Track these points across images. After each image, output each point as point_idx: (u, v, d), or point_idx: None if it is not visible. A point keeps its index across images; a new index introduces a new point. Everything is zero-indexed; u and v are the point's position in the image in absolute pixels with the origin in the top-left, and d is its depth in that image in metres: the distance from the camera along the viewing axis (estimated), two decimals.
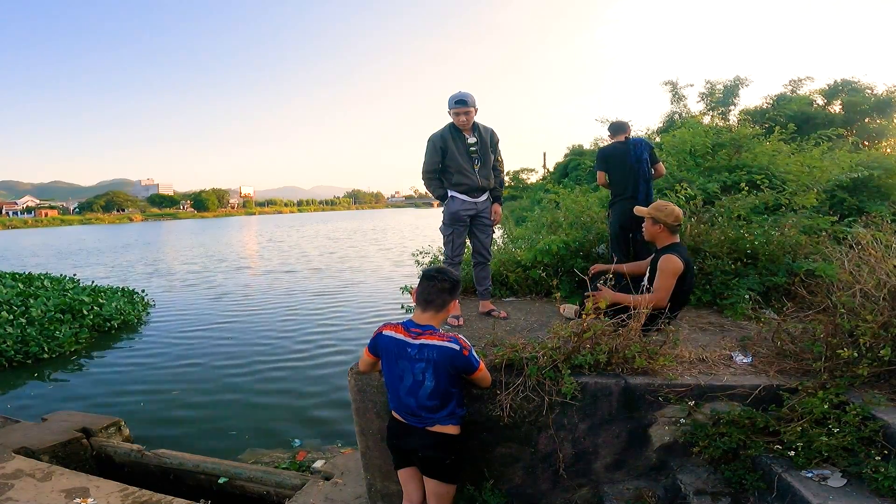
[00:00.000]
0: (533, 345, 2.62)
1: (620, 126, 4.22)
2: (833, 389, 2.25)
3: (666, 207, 2.90)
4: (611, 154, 4.14)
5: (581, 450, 2.53)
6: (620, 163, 4.03)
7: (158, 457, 3.99)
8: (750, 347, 2.83)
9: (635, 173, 3.97)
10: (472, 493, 2.59)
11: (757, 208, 4.69)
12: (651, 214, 2.93)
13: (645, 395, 2.43)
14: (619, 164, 4.04)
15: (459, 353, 2.11)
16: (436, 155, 3.49)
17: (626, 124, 4.25)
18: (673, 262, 2.75)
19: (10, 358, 7.21)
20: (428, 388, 2.13)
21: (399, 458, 2.34)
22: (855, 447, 2.05)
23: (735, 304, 3.58)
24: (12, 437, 4.11)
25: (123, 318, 9.40)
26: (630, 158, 3.98)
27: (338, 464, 3.77)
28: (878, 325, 2.26)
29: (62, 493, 3.28)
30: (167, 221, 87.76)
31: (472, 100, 3.40)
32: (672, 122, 15.08)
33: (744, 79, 16.24)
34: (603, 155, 4.22)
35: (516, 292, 4.40)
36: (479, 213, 3.60)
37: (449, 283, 2.19)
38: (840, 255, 2.93)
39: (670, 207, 2.90)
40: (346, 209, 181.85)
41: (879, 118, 16.02)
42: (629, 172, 3.98)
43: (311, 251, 24.02)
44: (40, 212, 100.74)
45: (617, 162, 4.07)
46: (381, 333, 2.25)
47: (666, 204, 2.94)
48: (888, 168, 6.07)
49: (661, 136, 9.92)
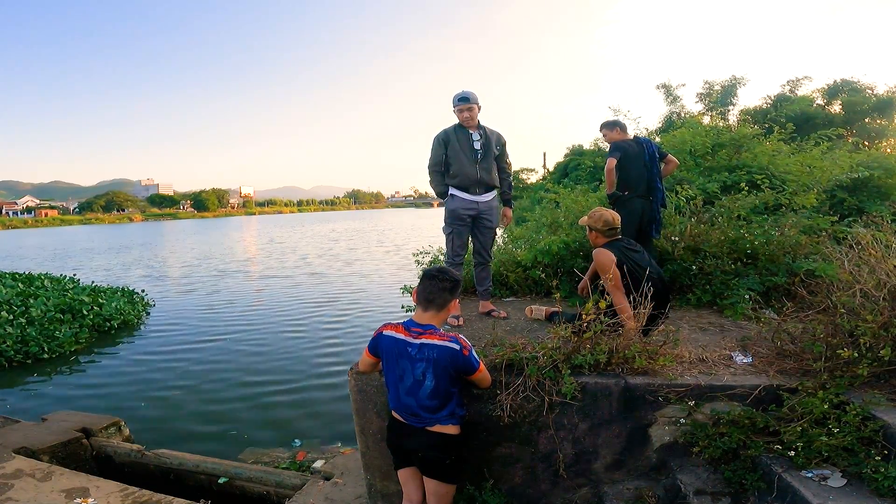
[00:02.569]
0: (533, 345, 2.63)
1: (622, 124, 4.22)
2: (833, 389, 2.24)
3: (595, 213, 3.00)
4: (628, 150, 4.06)
5: (581, 450, 2.53)
6: (636, 161, 4.03)
7: (158, 457, 3.99)
8: (750, 347, 2.83)
9: (650, 171, 3.98)
10: (472, 493, 2.59)
11: (757, 208, 4.69)
12: (585, 223, 3.05)
13: (645, 395, 2.43)
14: (635, 163, 4.03)
15: (459, 352, 2.11)
16: (440, 149, 3.58)
17: (620, 122, 4.25)
18: (603, 255, 2.83)
19: (10, 358, 7.21)
20: (428, 388, 2.13)
21: (399, 458, 2.34)
22: (855, 447, 2.05)
23: (735, 304, 3.58)
24: (12, 437, 4.11)
25: (123, 318, 9.40)
26: (644, 157, 4.00)
27: (338, 464, 3.77)
28: (878, 325, 2.26)
29: (62, 493, 3.28)
30: (167, 221, 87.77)
31: (474, 97, 3.48)
32: (671, 123, 15.10)
33: (740, 78, 16.27)
34: (621, 147, 4.08)
35: (516, 292, 4.41)
36: (481, 214, 3.60)
37: (450, 282, 2.20)
38: (840, 255, 2.93)
39: (599, 213, 2.98)
40: (346, 209, 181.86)
41: (879, 118, 16.03)
42: (644, 171, 3.99)
43: (312, 251, 24.03)
44: (40, 212, 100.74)
45: (632, 160, 4.04)
46: (381, 333, 2.25)
47: (597, 210, 3.03)
48: (888, 168, 6.07)
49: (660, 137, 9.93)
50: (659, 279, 2.89)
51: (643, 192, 3.98)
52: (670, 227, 4.33)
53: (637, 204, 3.94)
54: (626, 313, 2.62)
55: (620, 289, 2.71)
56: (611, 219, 2.94)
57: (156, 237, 40.03)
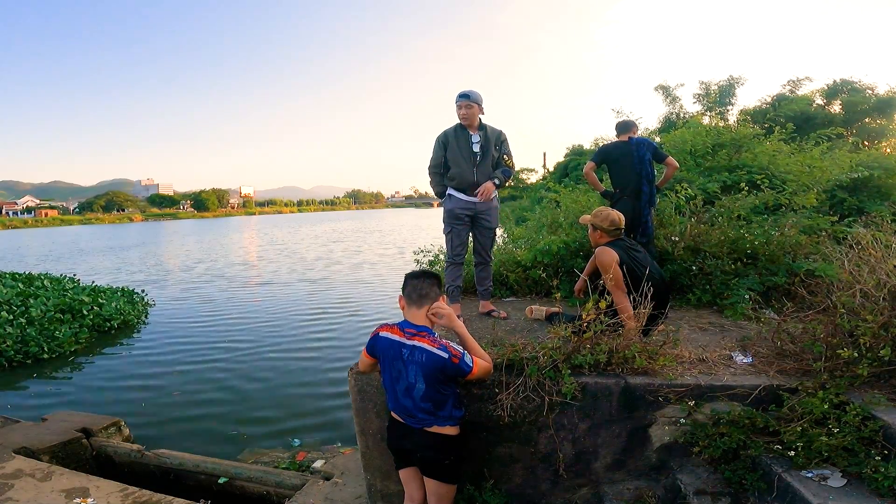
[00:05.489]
0: (533, 345, 2.63)
1: (627, 125, 4.24)
2: (833, 389, 2.24)
3: (601, 213, 2.99)
4: (612, 152, 4.17)
5: (581, 450, 2.53)
6: (623, 162, 4.04)
7: (158, 457, 3.99)
8: (750, 347, 2.83)
9: (637, 173, 3.98)
10: (472, 493, 2.59)
11: (757, 208, 4.69)
12: (590, 221, 3.04)
13: (645, 395, 2.43)
14: (622, 163, 4.05)
15: (448, 361, 2.09)
16: (440, 150, 3.60)
17: (633, 123, 4.27)
18: (605, 254, 2.81)
19: (10, 358, 7.20)
20: (420, 390, 2.13)
21: (399, 459, 2.35)
22: (855, 447, 2.05)
23: (735, 304, 3.58)
24: (12, 437, 4.11)
25: (123, 318, 9.39)
26: (633, 158, 3.99)
27: (338, 464, 3.77)
28: (878, 325, 2.26)
29: (62, 493, 3.28)
30: (167, 221, 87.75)
31: (475, 96, 3.47)
32: (670, 123, 15.11)
33: (738, 78, 16.26)
34: (603, 150, 4.25)
35: (516, 292, 4.41)
36: (479, 214, 3.60)
37: (435, 276, 2.29)
38: (840, 255, 2.93)
39: (605, 212, 2.98)
40: (346, 209, 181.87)
41: (879, 118, 16.03)
42: (631, 172, 3.99)
43: (312, 251, 24.03)
44: (40, 212, 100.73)
45: (619, 160, 4.08)
46: (378, 335, 2.26)
47: (602, 209, 3.02)
48: (888, 168, 6.08)
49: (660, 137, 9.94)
50: (659, 279, 2.89)
51: (631, 193, 3.99)
52: (670, 227, 4.33)
53: (626, 204, 3.94)
54: (626, 313, 2.62)
55: (622, 288, 2.71)
56: (616, 219, 2.94)
57: (156, 237, 40.03)
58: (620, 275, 2.70)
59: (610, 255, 2.79)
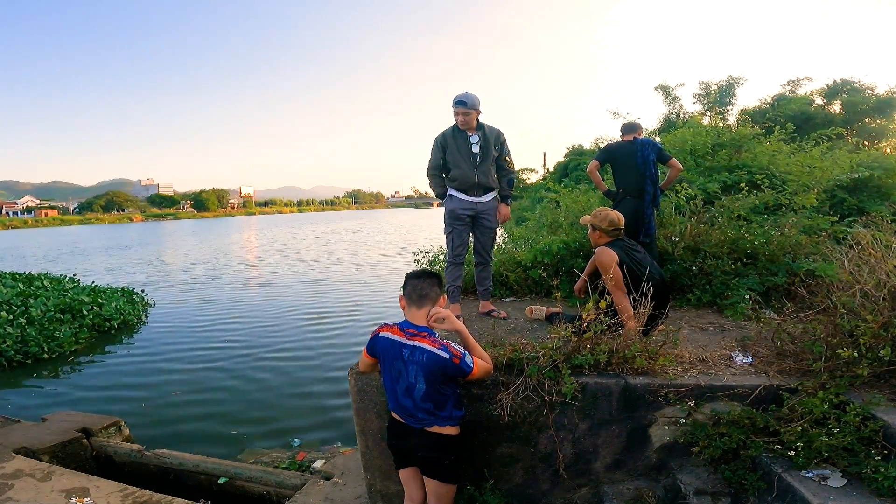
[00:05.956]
0: (533, 345, 2.63)
1: (632, 126, 4.25)
2: (833, 389, 2.24)
3: (600, 213, 3.00)
4: (616, 152, 4.18)
5: (581, 450, 2.53)
6: (627, 162, 4.06)
7: (158, 457, 3.99)
8: (750, 347, 2.83)
9: (641, 174, 3.99)
10: (472, 493, 2.59)
11: (757, 208, 4.70)
12: (589, 222, 3.04)
13: (645, 395, 2.43)
14: (626, 164, 4.07)
15: (449, 361, 2.09)
16: (438, 152, 3.59)
17: (638, 124, 4.29)
18: (605, 254, 2.82)
19: (10, 358, 7.21)
20: (421, 391, 2.13)
21: (399, 459, 2.34)
22: (855, 447, 2.05)
23: (735, 304, 3.58)
24: (12, 437, 4.11)
25: (123, 318, 9.39)
26: (637, 158, 4.00)
27: (338, 464, 3.77)
28: (878, 325, 2.26)
29: (62, 493, 3.28)
30: (167, 222, 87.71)
31: (472, 101, 3.42)
32: (670, 123, 15.11)
33: (737, 78, 16.27)
34: (608, 150, 4.27)
35: (516, 292, 4.41)
36: (480, 214, 3.60)
37: (436, 276, 2.28)
38: (840, 255, 2.93)
39: (605, 212, 2.98)
40: (346, 209, 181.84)
41: (879, 118, 16.03)
42: (635, 172, 4.00)
43: (312, 251, 24.03)
44: (40, 212, 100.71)
45: (623, 161, 4.09)
46: (378, 335, 2.26)
47: (602, 209, 3.03)
48: (888, 168, 6.08)
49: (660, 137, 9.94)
50: (659, 279, 2.89)
51: (633, 193, 4.01)
52: (670, 227, 4.33)
53: (629, 204, 3.95)
54: (626, 313, 2.62)
55: (622, 288, 2.71)
56: (616, 219, 2.94)
57: (156, 237, 40.01)
58: (620, 275, 2.70)
59: (609, 255, 2.79)
